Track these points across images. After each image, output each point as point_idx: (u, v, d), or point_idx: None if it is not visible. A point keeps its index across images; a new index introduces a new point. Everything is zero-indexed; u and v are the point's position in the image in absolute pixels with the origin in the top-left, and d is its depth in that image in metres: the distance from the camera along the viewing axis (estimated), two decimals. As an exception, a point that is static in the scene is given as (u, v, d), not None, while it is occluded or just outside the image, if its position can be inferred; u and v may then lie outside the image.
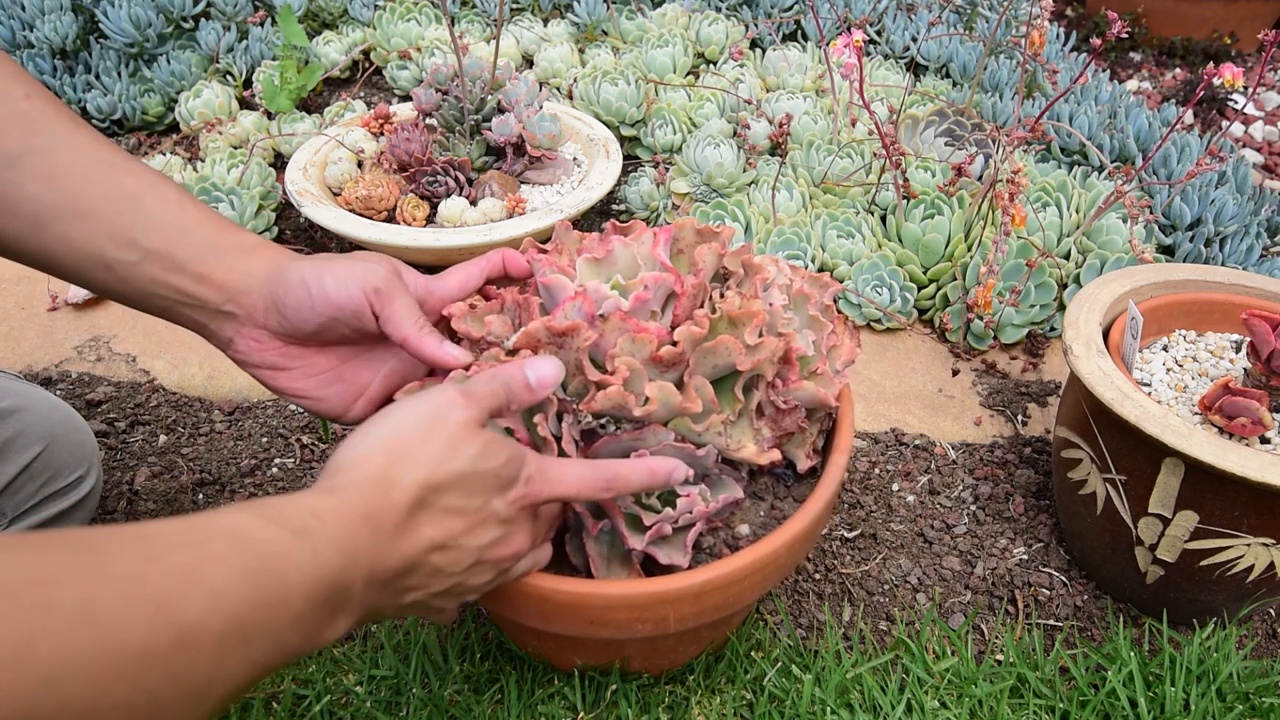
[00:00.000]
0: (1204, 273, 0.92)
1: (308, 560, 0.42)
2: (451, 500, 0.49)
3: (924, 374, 1.15)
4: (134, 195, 0.58)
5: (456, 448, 0.49)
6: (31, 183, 0.56)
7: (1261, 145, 1.83)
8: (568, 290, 0.60)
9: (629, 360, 0.57)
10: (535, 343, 0.59)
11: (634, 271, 0.62)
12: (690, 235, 0.66)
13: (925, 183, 1.29)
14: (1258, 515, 0.72)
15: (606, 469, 0.55)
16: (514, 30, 1.80)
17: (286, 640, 0.41)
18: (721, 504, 0.62)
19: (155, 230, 0.58)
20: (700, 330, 0.58)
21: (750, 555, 0.60)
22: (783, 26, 1.81)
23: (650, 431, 0.60)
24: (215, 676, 0.37)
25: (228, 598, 0.38)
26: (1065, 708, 0.77)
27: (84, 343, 1.16)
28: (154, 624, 0.35)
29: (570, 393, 0.61)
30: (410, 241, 1.18)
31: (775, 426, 0.65)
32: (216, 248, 0.59)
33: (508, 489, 0.52)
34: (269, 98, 1.56)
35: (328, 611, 0.43)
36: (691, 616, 0.61)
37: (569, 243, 0.67)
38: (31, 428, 0.78)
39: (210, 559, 0.38)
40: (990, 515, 0.96)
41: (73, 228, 0.57)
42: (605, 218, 1.45)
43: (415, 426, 0.49)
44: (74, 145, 0.57)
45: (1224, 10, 2.21)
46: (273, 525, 0.42)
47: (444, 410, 0.50)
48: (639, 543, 0.59)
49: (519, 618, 0.62)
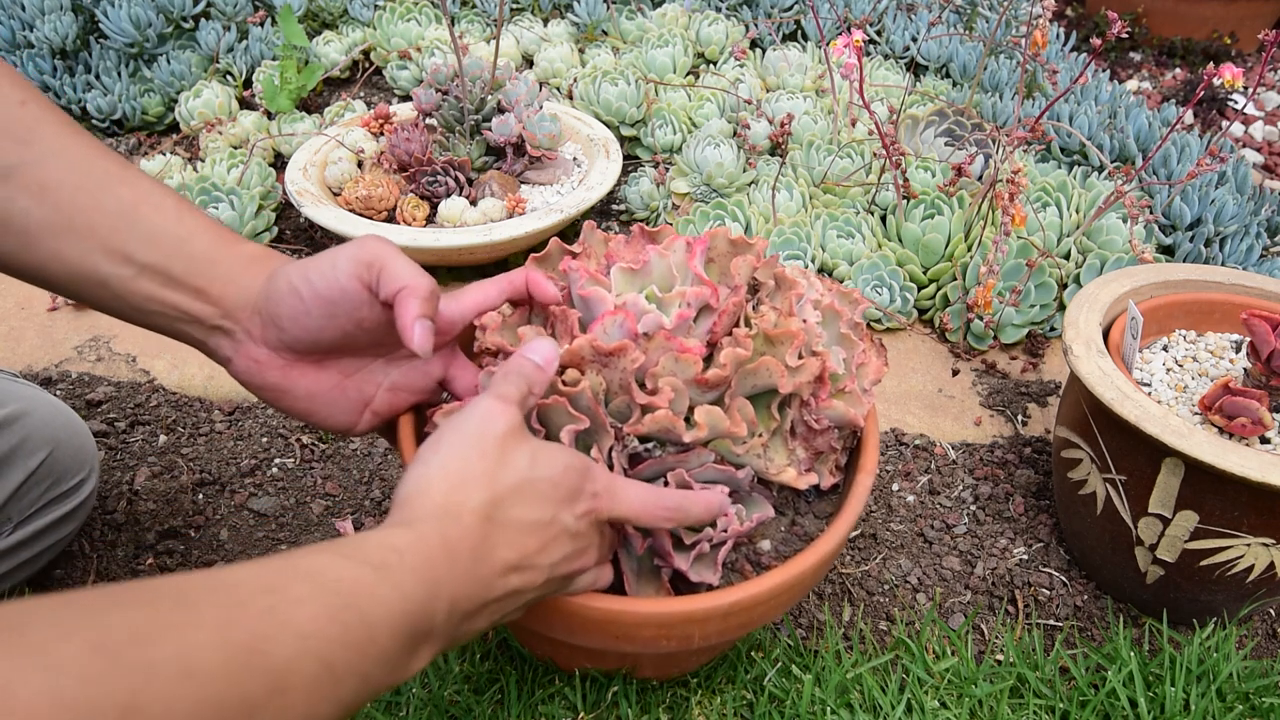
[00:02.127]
0: (1204, 273, 0.92)
1: (391, 594, 0.41)
2: (518, 513, 0.49)
3: (924, 374, 1.15)
4: (129, 207, 0.56)
5: (507, 459, 0.49)
6: (24, 197, 0.54)
7: (1261, 145, 1.83)
8: (606, 304, 0.59)
9: (673, 381, 0.57)
10: (580, 361, 0.58)
11: (669, 282, 0.61)
12: (723, 245, 0.65)
13: (925, 183, 1.29)
14: (1258, 515, 0.72)
15: (670, 498, 0.55)
16: (514, 30, 1.80)
17: (373, 677, 0.41)
18: (755, 523, 0.62)
19: (151, 242, 0.56)
20: (745, 353, 0.57)
21: (779, 577, 0.59)
22: (783, 26, 1.81)
23: (695, 455, 0.60)
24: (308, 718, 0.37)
25: (315, 639, 0.38)
26: (1065, 708, 0.77)
27: (84, 343, 1.16)
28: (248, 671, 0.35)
29: (612, 410, 0.60)
30: (410, 241, 1.18)
31: (808, 446, 0.64)
32: (214, 259, 0.57)
33: (575, 501, 0.52)
34: (269, 98, 1.56)
35: (412, 644, 0.43)
36: (716, 634, 0.60)
37: (596, 245, 0.66)
38: (36, 433, 0.77)
39: (294, 601, 0.38)
40: (990, 515, 0.96)
41: (66, 243, 0.55)
42: (605, 218, 1.45)
43: (465, 447, 0.49)
44: (67, 156, 0.56)
45: (1224, 10, 2.21)
46: (352, 563, 0.41)
47: (487, 424, 0.50)
48: (684, 563, 0.58)
49: (544, 630, 0.61)
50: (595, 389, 0.58)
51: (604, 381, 0.59)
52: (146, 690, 0.31)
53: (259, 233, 1.35)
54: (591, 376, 0.59)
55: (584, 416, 0.57)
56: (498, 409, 0.50)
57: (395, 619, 0.41)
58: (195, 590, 0.36)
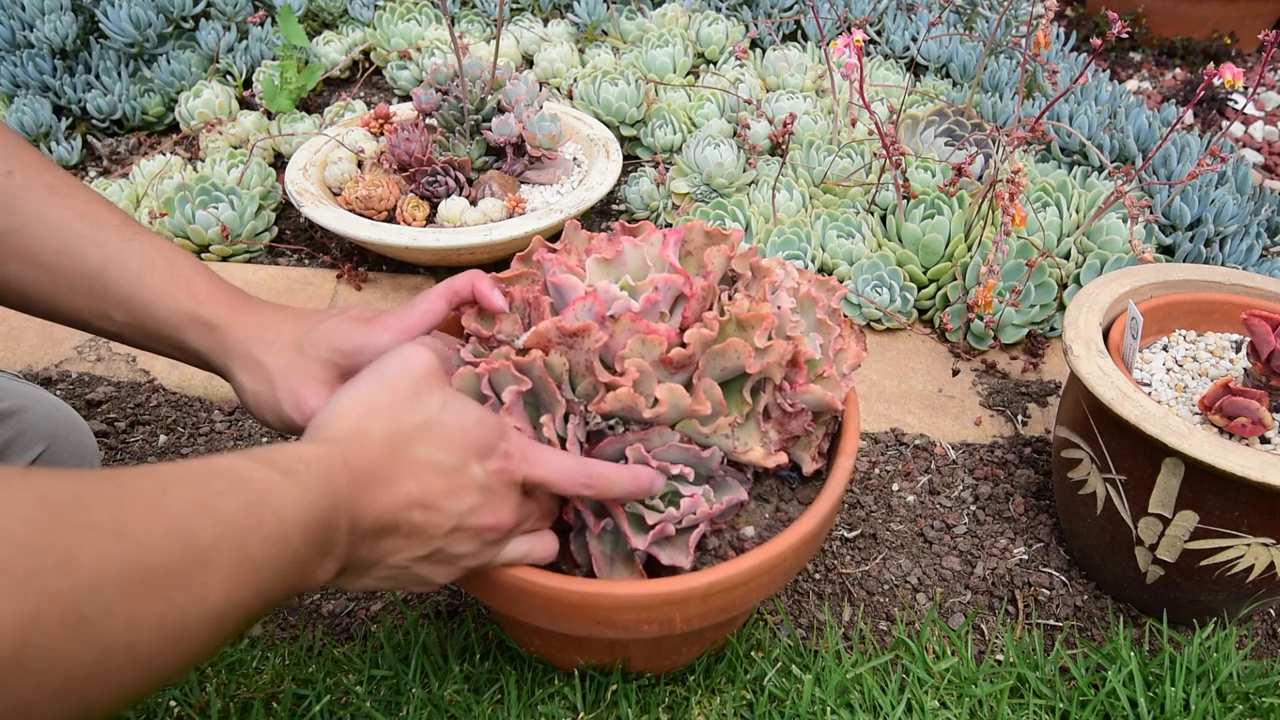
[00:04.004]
0: (1204, 273, 0.92)
1: (301, 498, 0.43)
2: (423, 452, 0.51)
3: (924, 374, 1.15)
4: (99, 271, 0.59)
5: (419, 399, 0.51)
6: (13, 262, 0.58)
7: (1261, 145, 1.83)
8: (578, 290, 0.60)
9: (639, 362, 0.57)
10: (546, 342, 0.59)
11: (643, 272, 0.63)
12: (699, 237, 0.66)
13: (925, 183, 1.29)
14: (1258, 515, 0.72)
15: (592, 467, 0.56)
16: (514, 30, 1.80)
17: (288, 574, 0.43)
18: (725, 505, 0.62)
19: (121, 307, 0.60)
20: (710, 333, 0.58)
21: (757, 557, 0.60)
22: (783, 26, 1.81)
23: (655, 433, 0.60)
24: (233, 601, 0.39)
25: (236, 528, 0.40)
26: (1065, 708, 0.77)
27: (84, 343, 1.16)
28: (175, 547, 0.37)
29: (580, 393, 0.61)
30: (410, 241, 1.18)
31: (782, 430, 0.65)
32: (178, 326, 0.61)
33: (486, 456, 0.53)
34: (269, 98, 1.56)
35: (320, 551, 0.45)
36: (698, 618, 0.61)
37: (577, 242, 0.67)
38: (33, 428, 0.78)
39: (214, 493, 0.40)
40: (990, 515, 0.96)
41: (57, 301, 0.60)
42: (605, 218, 1.45)
43: (380, 383, 0.52)
44: (47, 221, 0.59)
45: (1224, 10, 2.21)
46: (264, 466, 0.43)
47: (405, 366, 0.52)
48: (641, 542, 0.59)
49: (525, 616, 0.62)
50: (557, 367, 0.59)
51: (567, 362, 0.60)
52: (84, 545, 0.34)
53: (259, 232, 1.35)
54: (555, 357, 0.59)
55: (526, 379, 0.58)
56: (418, 353, 0.53)
57: (305, 521, 0.43)
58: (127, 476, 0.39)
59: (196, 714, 0.74)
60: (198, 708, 0.74)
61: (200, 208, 1.31)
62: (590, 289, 0.59)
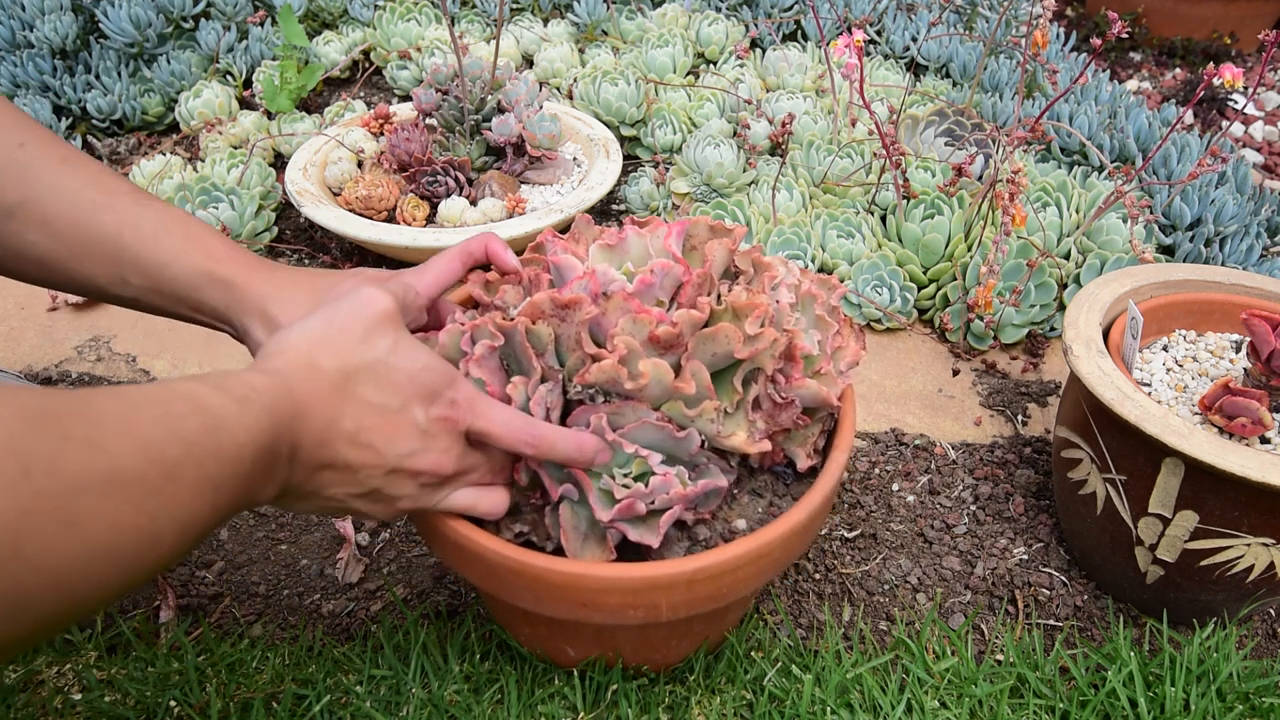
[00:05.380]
0: (1204, 273, 0.92)
1: (252, 425, 0.45)
2: (367, 392, 0.52)
3: (924, 374, 1.15)
4: (113, 235, 0.61)
5: (370, 340, 0.53)
6: (31, 231, 0.60)
7: (1261, 145, 1.83)
8: (576, 270, 0.61)
9: (628, 339, 0.58)
10: (539, 313, 0.60)
11: (645, 261, 0.64)
12: (703, 231, 0.67)
13: (925, 183, 1.29)
14: (1258, 515, 0.72)
15: (536, 426, 0.57)
16: (514, 30, 1.80)
17: (238, 494, 0.45)
18: (701, 490, 0.62)
19: (136, 269, 0.61)
20: (700, 315, 0.59)
21: (745, 545, 0.60)
22: (783, 26, 1.81)
23: (630, 407, 0.60)
24: (195, 515, 0.42)
25: (196, 449, 0.42)
26: (1065, 708, 0.77)
27: (84, 343, 1.16)
28: (146, 460, 0.40)
29: (569, 367, 0.62)
30: (410, 241, 1.19)
31: (770, 420, 0.65)
32: (195, 285, 0.62)
33: (431, 402, 0.54)
34: (269, 98, 1.56)
35: (264, 476, 0.47)
36: (684, 605, 0.61)
37: (587, 234, 0.68)
38: None
39: (177, 415, 0.42)
40: (990, 515, 0.96)
41: (75, 268, 0.61)
42: (605, 218, 1.45)
43: (333, 321, 0.53)
44: (61, 190, 0.60)
45: (1224, 10, 2.21)
46: (219, 393, 0.45)
47: (360, 307, 0.53)
48: (605, 515, 0.59)
49: (512, 598, 0.62)
50: (541, 336, 0.60)
51: (554, 333, 0.61)
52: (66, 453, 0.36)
53: (259, 232, 1.35)
54: (542, 326, 0.60)
55: (500, 334, 0.59)
56: (375, 295, 0.54)
57: (254, 448, 0.46)
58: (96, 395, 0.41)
59: (196, 714, 0.74)
60: (198, 708, 0.74)
61: (200, 208, 1.31)
62: (589, 270, 0.61)
